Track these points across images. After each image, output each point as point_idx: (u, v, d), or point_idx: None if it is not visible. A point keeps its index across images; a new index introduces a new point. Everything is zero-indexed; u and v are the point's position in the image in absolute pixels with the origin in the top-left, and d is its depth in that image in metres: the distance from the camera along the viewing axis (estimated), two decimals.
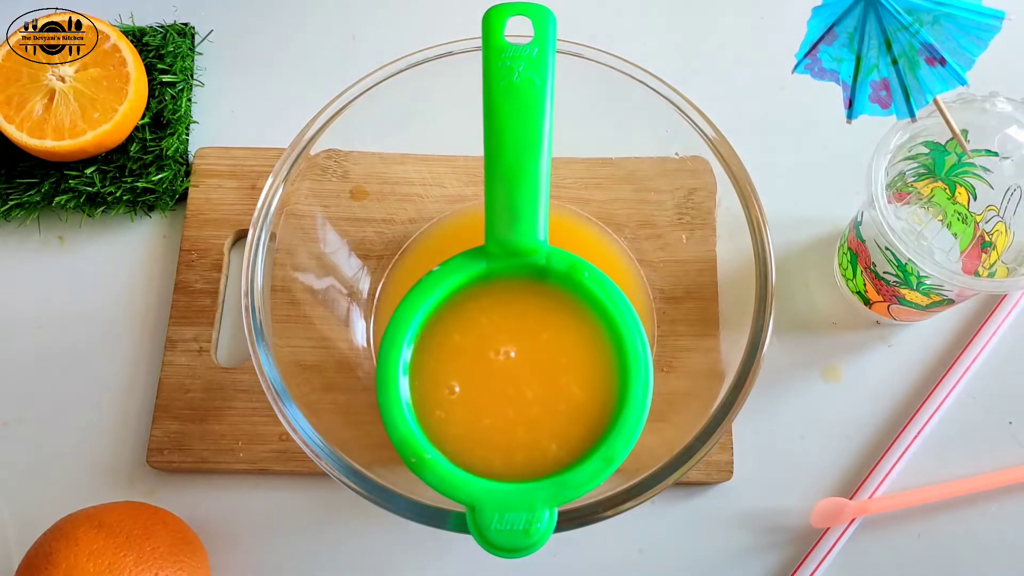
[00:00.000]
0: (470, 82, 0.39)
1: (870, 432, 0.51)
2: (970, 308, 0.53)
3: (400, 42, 0.46)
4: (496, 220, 0.37)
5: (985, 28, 0.34)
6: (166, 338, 0.51)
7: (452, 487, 0.35)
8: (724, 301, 0.48)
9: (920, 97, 0.37)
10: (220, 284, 0.53)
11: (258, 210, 0.42)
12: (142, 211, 0.55)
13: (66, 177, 0.54)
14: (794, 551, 0.49)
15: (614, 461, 0.35)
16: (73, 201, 0.54)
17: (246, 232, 0.47)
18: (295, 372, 0.42)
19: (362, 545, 0.49)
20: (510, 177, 0.36)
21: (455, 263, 0.38)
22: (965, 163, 0.46)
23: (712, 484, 0.49)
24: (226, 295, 0.53)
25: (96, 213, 0.54)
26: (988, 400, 0.51)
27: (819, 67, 0.38)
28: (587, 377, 0.38)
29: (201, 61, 0.59)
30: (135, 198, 0.54)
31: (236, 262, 0.54)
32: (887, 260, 0.45)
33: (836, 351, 0.52)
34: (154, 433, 0.49)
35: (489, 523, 0.34)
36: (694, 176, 0.48)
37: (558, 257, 0.38)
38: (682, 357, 0.48)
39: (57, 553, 0.42)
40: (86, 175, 0.54)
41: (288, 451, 0.49)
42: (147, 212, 0.55)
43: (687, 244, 0.51)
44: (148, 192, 0.54)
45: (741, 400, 0.39)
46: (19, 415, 0.51)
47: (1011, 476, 0.49)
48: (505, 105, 0.36)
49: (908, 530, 0.49)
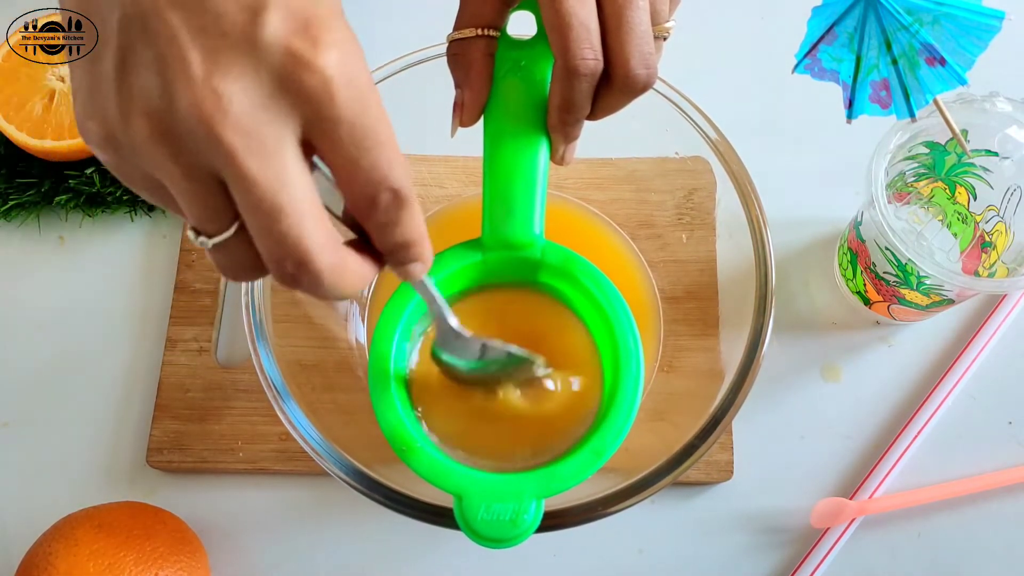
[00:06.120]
0: None
1: (870, 432, 0.51)
2: (970, 308, 0.53)
3: (400, 42, 0.46)
4: (493, 212, 0.37)
5: (985, 28, 0.35)
6: (166, 338, 0.51)
7: (440, 476, 0.35)
8: (724, 301, 0.48)
9: (920, 97, 0.37)
10: (220, 284, 0.53)
11: None
12: (142, 211, 0.55)
13: (66, 177, 0.54)
14: (794, 551, 0.49)
15: (603, 455, 0.35)
16: (73, 201, 0.54)
17: None
18: (295, 371, 0.42)
19: (362, 544, 0.49)
20: (508, 170, 0.36)
21: (451, 254, 0.38)
22: (965, 163, 0.46)
23: (712, 484, 0.49)
24: (226, 295, 0.53)
25: (96, 213, 0.54)
26: (988, 400, 0.51)
27: (819, 67, 0.38)
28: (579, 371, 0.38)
29: None
30: (135, 198, 0.54)
31: None
32: (887, 260, 0.45)
33: (836, 351, 0.52)
34: (154, 433, 0.49)
35: (476, 513, 0.34)
36: (694, 176, 0.48)
37: (553, 251, 0.38)
38: (682, 357, 0.48)
39: (57, 553, 0.42)
40: (86, 175, 0.54)
41: (288, 451, 0.49)
42: (147, 212, 0.55)
43: (687, 244, 0.51)
44: None
45: (741, 399, 0.39)
46: (19, 415, 0.51)
47: (1011, 476, 0.49)
48: (505, 99, 0.36)
49: (908, 530, 0.49)
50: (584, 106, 0.34)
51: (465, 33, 0.34)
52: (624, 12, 0.31)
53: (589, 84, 0.32)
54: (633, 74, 0.32)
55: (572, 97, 0.33)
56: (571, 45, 0.31)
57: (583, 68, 0.32)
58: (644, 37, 0.32)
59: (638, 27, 0.31)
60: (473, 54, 0.35)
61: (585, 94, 0.33)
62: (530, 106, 0.36)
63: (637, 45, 0.32)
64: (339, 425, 0.41)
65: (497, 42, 0.35)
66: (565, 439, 0.37)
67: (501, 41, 0.35)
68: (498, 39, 0.35)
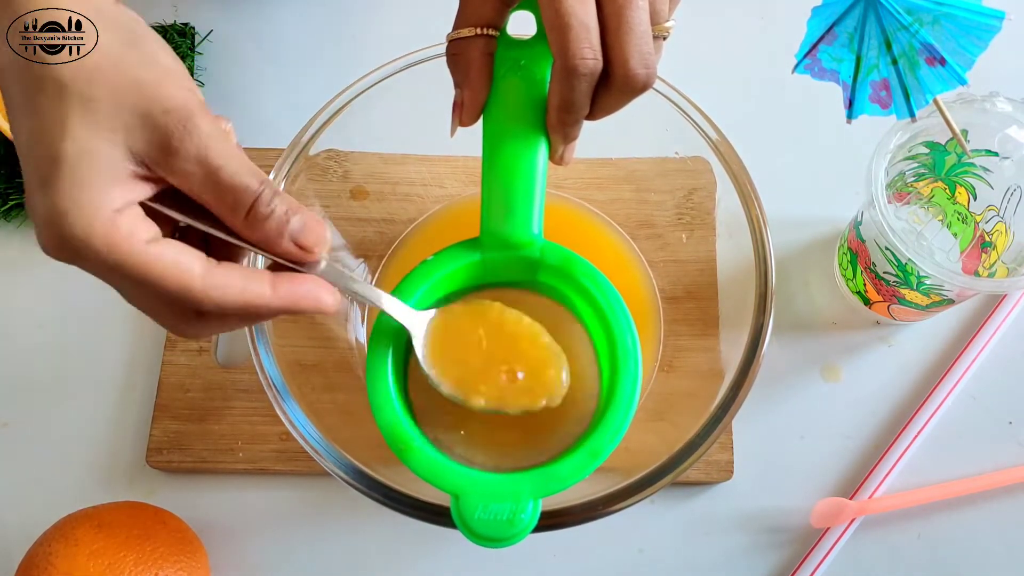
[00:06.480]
0: None
1: (870, 432, 0.51)
2: (970, 308, 0.53)
3: (400, 42, 0.46)
4: (491, 212, 0.37)
5: (985, 28, 0.35)
6: (166, 338, 0.51)
7: (437, 475, 0.35)
8: (724, 301, 0.48)
9: (920, 97, 0.37)
10: None
11: None
12: None
13: None
14: (794, 551, 0.49)
15: (600, 455, 0.35)
16: None
17: None
18: (295, 371, 0.42)
19: (361, 544, 0.49)
20: (507, 170, 0.36)
21: (449, 253, 0.38)
22: (965, 163, 0.46)
23: (712, 484, 0.49)
24: None
25: None
26: (988, 400, 0.51)
27: (819, 67, 0.38)
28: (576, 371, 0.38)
29: (201, 61, 0.59)
30: None
31: None
32: (887, 260, 0.45)
33: (836, 351, 0.52)
34: (154, 433, 0.49)
35: (473, 512, 0.34)
36: (694, 176, 0.48)
37: (552, 251, 0.38)
38: (682, 357, 0.48)
39: (57, 553, 0.42)
40: None
41: (288, 451, 0.49)
42: None
43: (687, 244, 0.51)
44: None
45: (740, 399, 0.39)
46: (19, 415, 0.51)
47: (1011, 476, 0.49)
48: (505, 99, 0.36)
49: (908, 530, 0.49)
50: (583, 106, 0.34)
51: (464, 33, 0.34)
52: (624, 12, 0.31)
53: (588, 84, 0.32)
54: (632, 74, 0.32)
55: (571, 97, 0.33)
56: (570, 45, 0.31)
57: (582, 68, 0.32)
58: (644, 37, 0.32)
59: (638, 27, 0.31)
60: (472, 54, 0.35)
61: (584, 94, 0.33)
62: (530, 106, 0.36)
63: (637, 45, 0.32)
64: (339, 425, 0.41)
65: (497, 42, 0.35)
66: (563, 439, 0.37)
67: (501, 41, 0.35)
68: (498, 39, 0.35)
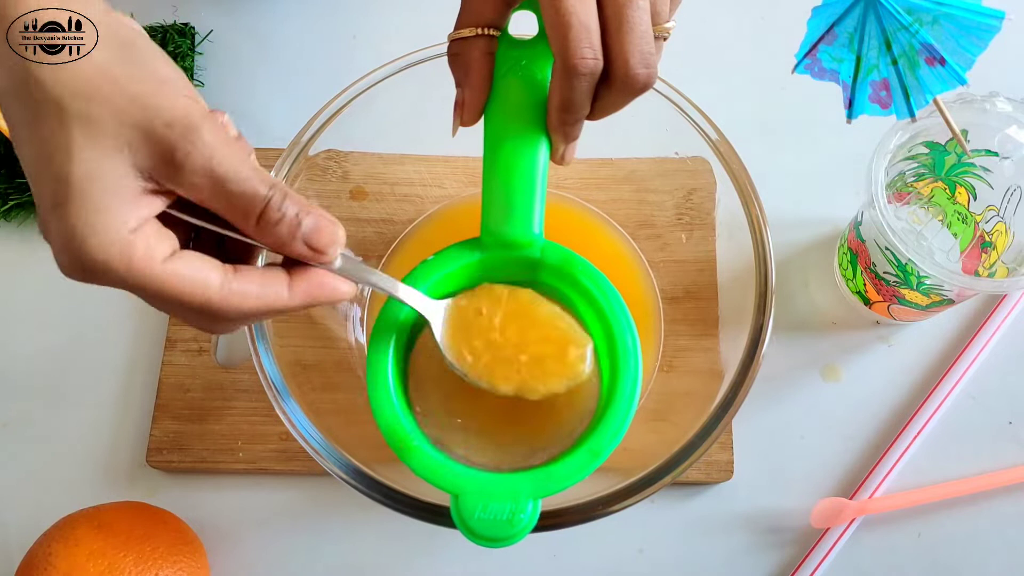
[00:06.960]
0: None
1: (870, 432, 0.51)
2: (970, 308, 0.53)
3: (400, 42, 0.46)
4: (492, 211, 0.37)
5: (985, 28, 0.35)
6: (166, 338, 0.51)
7: (437, 475, 0.35)
8: (724, 301, 0.48)
9: (920, 97, 0.37)
10: None
11: None
12: None
13: None
14: (794, 551, 0.49)
15: (600, 455, 0.35)
16: None
17: None
18: (295, 371, 0.42)
19: (361, 544, 0.49)
20: (508, 170, 0.36)
21: (449, 253, 0.38)
22: (965, 163, 0.46)
23: (712, 484, 0.49)
24: None
25: None
26: (988, 400, 0.51)
27: (819, 67, 0.38)
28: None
29: (201, 61, 0.59)
30: None
31: None
32: (887, 260, 0.45)
33: (836, 351, 0.52)
34: (154, 433, 0.49)
35: (473, 512, 0.34)
36: (694, 176, 0.48)
37: (552, 251, 0.38)
38: (682, 357, 0.49)
39: (57, 553, 0.42)
40: None
41: (288, 451, 0.49)
42: None
43: (687, 244, 0.51)
44: None
45: (740, 399, 0.39)
46: (19, 415, 0.51)
47: (1011, 476, 0.49)
48: (505, 98, 0.36)
49: (908, 530, 0.49)
50: (584, 106, 0.34)
51: (466, 32, 0.34)
52: (624, 12, 0.31)
53: (589, 84, 0.32)
54: (633, 74, 0.32)
55: (572, 97, 0.33)
56: (571, 44, 0.31)
57: (583, 67, 0.32)
58: (644, 37, 0.32)
59: (638, 27, 0.31)
60: (474, 53, 0.35)
61: (585, 94, 0.33)
62: (530, 106, 0.36)
63: (637, 45, 0.32)
64: (339, 424, 0.41)
65: (498, 42, 0.35)
66: (563, 439, 0.37)
67: (502, 41, 0.35)
68: (499, 39, 0.35)
